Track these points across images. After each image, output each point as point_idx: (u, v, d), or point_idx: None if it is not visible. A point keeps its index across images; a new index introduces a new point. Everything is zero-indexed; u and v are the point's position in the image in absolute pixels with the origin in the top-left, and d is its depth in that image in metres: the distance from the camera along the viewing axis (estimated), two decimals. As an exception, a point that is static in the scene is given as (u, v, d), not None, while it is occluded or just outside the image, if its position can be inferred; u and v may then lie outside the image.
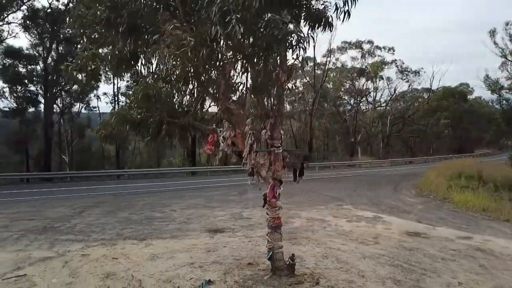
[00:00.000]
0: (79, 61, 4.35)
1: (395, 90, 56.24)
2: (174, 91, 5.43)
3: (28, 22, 29.05)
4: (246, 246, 8.40)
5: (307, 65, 52.62)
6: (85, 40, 4.46)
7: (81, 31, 4.33)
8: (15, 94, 33.11)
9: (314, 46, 47.84)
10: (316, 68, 50.10)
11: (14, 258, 7.50)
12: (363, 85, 55.46)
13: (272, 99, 5.97)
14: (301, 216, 11.82)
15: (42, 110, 32.73)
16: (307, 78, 49.46)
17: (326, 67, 48.77)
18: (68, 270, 6.85)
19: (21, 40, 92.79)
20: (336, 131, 55.78)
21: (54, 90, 30.85)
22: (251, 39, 3.90)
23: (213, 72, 4.70)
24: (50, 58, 30.48)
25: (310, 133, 44.59)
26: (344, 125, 54.73)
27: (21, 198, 16.12)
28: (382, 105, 58.84)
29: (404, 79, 55.54)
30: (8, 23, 28.78)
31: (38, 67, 31.51)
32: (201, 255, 7.71)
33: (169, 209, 12.93)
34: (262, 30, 3.58)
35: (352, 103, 56.46)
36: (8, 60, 31.33)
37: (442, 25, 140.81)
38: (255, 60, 4.26)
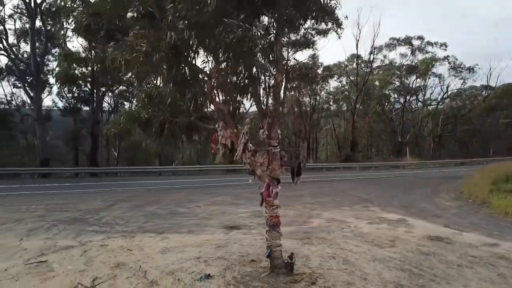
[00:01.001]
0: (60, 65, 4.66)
1: (447, 87, 53.43)
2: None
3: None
4: (256, 243, 8.49)
5: (352, 63, 51.71)
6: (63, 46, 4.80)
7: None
8: (70, 95, 35.69)
9: (357, 44, 46.95)
10: (363, 66, 48.94)
11: (42, 245, 8.18)
12: (412, 83, 53.28)
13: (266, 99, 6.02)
14: (322, 216, 11.70)
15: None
16: (351, 78, 48.43)
17: (370, 65, 47.43)
18: (84, 258, 7.35)
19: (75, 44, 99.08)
20: (382, 130, 53.94)
21: (102, 90, 32.64)
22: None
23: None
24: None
25: (353, 132, 43.58)
26: (391, 124, 52.80)
27: (64, 191, 17.40)
28: (433, 103, 56.09)
29: (458, 76, 52.62)
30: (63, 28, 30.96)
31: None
32: (210, 250, 7.93)
33: (195, 205, 13.35)
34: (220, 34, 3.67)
35: (401, 101, 54.35)
36: (65, 63, 33.80)
37: (499, 19, 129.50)
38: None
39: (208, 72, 4.70)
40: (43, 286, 6.03)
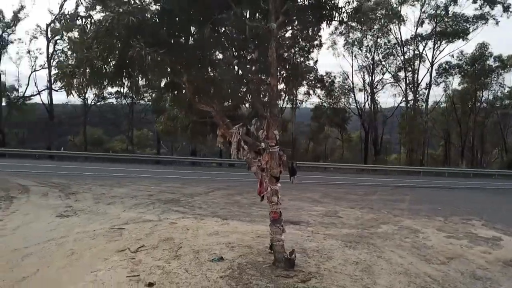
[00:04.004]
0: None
1: None
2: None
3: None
4: (296, 239, 8.77)
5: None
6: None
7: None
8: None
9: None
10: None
11: (132, 217, 10.36)
12: None
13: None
14: (399, 223, 10.84)
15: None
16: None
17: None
18: (148, 231, 9.06)
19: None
20: None
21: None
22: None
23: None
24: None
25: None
26: None
27: (189, 177, 20.27)
28: None
29: None
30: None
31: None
32: (248, 238, 8.64)
33: (280, 198, 14.02)
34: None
35: None
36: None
37: None
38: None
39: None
40: (104, 246, 7.90)
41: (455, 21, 32.78)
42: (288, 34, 8.58)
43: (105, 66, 4.61)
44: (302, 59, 34.71)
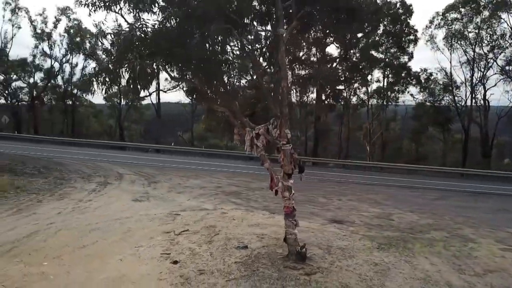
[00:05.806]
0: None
1: None
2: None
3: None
4: (329, 236, 8.93)
5: None
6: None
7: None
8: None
9: None
10: None
11: (192, 205, 11.63)
12: None
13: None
14: (454, 231, 10.05)
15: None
16: None
17: None
18: (197, 218, 10.11)
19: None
20: None
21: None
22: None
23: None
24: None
25: None
26: None
27: (260, 172, 20.83)
28: None
29: None
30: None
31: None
32: (282, 231, 8.92)
33: (338, 198, 14.00)
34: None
35: None
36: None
37: None
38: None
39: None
40: (155, 227, 9.20)
41: None
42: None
43: (119, 74, 5.67)
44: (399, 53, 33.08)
